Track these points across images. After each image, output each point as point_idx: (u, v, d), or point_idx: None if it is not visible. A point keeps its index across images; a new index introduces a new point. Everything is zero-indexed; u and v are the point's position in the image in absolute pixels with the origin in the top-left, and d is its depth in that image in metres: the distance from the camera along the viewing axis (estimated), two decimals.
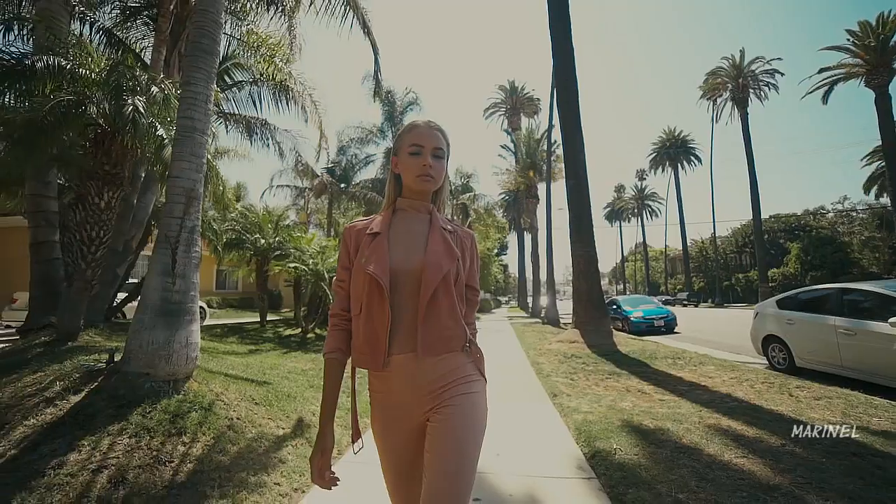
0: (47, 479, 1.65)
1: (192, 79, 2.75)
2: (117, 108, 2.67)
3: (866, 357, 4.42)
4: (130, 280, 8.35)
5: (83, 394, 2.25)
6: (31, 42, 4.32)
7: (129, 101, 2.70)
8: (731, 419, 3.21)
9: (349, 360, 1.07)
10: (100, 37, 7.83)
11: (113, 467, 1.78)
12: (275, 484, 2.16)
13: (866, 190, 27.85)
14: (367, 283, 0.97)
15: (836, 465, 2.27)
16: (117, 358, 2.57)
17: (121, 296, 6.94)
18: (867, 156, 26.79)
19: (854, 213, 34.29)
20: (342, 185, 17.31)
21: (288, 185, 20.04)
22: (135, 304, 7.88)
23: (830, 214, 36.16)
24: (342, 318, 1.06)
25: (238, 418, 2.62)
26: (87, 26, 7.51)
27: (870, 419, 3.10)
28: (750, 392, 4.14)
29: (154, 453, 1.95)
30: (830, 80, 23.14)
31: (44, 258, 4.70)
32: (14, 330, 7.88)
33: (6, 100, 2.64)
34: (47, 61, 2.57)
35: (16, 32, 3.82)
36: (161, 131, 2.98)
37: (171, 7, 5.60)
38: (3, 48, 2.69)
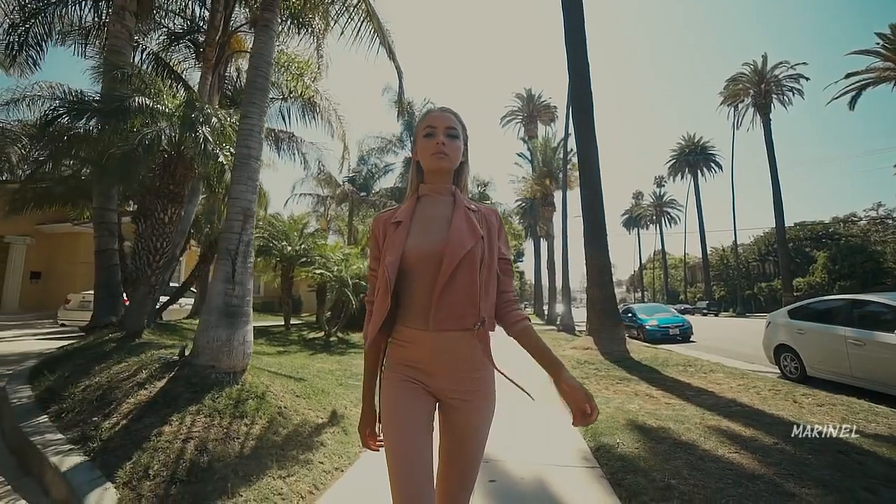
0: (152, 443, 2.08)
1: (249, 113, 3.23)
2: (191, 138, 3.19)
3: (875, 367, 4.52)
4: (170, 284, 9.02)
5: (165, 380, 2.70)
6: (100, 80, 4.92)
7: (200, 131, 3.22)
8: (731, 421, 3.42)
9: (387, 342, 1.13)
10: (148, 60, 8.63)
11: (197, 438, 2.20)
12: (319, 462, 2.54)
13: None
14: (382, 273, 1.03)
15: (820, 460, 2.50)
16: (187, 352, 3.04)
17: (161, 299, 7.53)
18: None
19: (890, 221, 32.95)
20: (362, 194, 17.94)
21: (309, 193, 20.90)
22: (174, 307, 8.55)
23: (863, 222, 34.84)
24: None
25: (285, 407, 3.02)
26: (138, 52, 8.32)
27: (867, 424, 3.27)
28: (755, 398, 4.31)
29: (225, 430, 2.36)
30: (858, 85, 22.55)
31: (106, 264, 5.30)
32: (69, 327, 8.65)
33: (102, 134, 3.17)
34: (139, 102, 3.11)
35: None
36: (221, 158, 3.50)
37: (217, 37, 6.22)
38: (110, 93, 3.24)
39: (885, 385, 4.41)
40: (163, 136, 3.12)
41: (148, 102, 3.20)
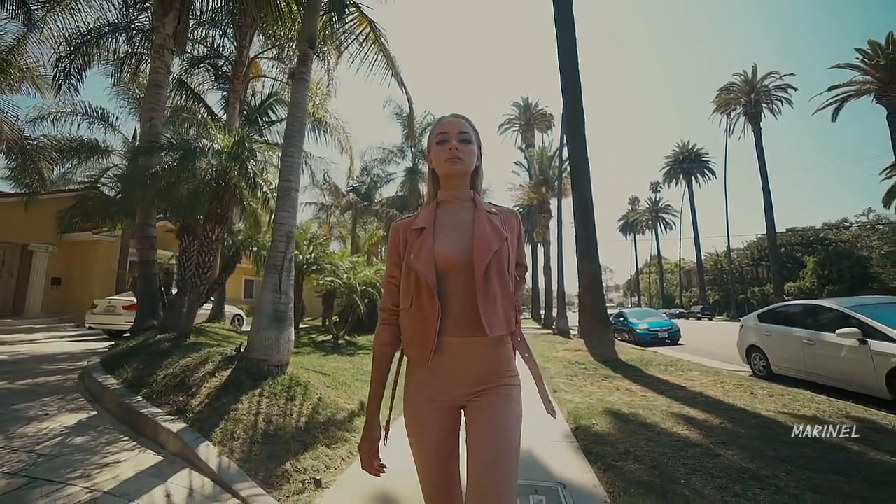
0: (233, 416, 2.72)
1: (289, 152, 3.90)
2: (240, 170, 3.87)
3: (822, 363, 5.20)
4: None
5: (229, 371, 3.34)
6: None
7: (250, 165, 3.91)
8: (692, 408, 4.08)
9: (396, 355, 1.12)
10: (174, 84, 9.34)
11: (263, 413, 2.85)
12: (352, 436, 3.17)
13: (886, 203, 27.71)
14: (416, 279, 1.00)
15: (749, 433, 3.16)
16: (242, 349, 3.68)
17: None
18: (887, 169, 26.72)
19: (879, 226, 33.83)
20: (365, 203, 18.64)
21: (313, 202, 21.66)
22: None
23: (854, 227, 35.72)
24: (392, 314, 1.10)
25: (322, 395, 3.66)
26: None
27: (801, 408, 3.93)
28: (720, 391, 4.95)
29: (282, 409, 3.01)
30: (841, 96, 23.49)
31: (147, 273, 5.94)
32: (96, 330, 9.26)
33: (174, 171, 3.84)
34: (202, 144, 3.78)
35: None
36: (266, 189, 4.18)
37: (243, 70, 6.92)
38: (184, 137, 3.89)
39: (829, 378, 5.08)
40: (216, 170, 3.78)
41: (208, 143, 3.87)
